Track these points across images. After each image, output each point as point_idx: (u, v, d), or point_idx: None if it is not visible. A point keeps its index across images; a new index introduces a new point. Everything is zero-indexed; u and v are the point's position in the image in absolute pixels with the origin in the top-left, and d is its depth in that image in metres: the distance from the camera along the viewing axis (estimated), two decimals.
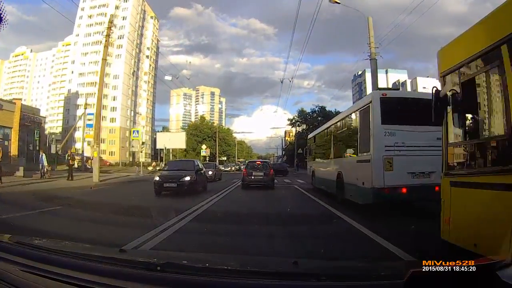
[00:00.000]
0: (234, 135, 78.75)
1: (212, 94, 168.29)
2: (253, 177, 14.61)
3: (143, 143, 29.54)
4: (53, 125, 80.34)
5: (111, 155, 68.10)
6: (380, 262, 2.80)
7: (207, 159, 49.96)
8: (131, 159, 68.90)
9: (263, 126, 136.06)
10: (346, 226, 5.84)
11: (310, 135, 17.03)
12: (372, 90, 9.78)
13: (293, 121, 58.50)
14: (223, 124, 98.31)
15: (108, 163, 54.52)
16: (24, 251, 1.59)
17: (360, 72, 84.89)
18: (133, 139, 29.83)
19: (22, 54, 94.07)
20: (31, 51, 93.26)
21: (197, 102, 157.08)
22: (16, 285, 1.33)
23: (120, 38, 72.30)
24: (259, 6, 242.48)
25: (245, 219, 6.86)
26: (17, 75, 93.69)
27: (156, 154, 56.67)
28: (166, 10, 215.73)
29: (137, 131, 28.19)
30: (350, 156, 8.47)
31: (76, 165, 36.70)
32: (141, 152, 28.58)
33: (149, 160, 66.11)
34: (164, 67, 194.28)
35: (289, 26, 63.60)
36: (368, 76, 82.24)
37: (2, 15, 1.61)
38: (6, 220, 5.76)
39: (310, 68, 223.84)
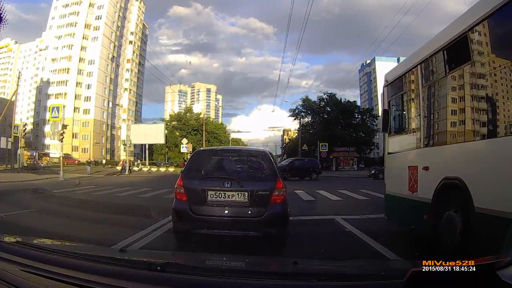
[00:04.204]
0: (231, 132, 73.34)
1: (208, 91, 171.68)
2: (211, 209, 4.70)
3: (64, 126, 20.69)
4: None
5: (85, 152, 63.31)
6: (380, 262, 3.02)
7: (187, 156, 44.58)
8: (108, 157, 64.25)
9: (261, 125, 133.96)
10: None
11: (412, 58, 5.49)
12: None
13: (296, 111, 52.39)
14: (220, 121, 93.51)
15: (76, 162, 49.88)
16: (24, 251, 1.65)
17: (368, 61, 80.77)
18: (51, 120, 21.18)
19: (6, 46, 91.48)
20: (16, 42, 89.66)
21: (192, 99, 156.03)
22: (16, 285, 1.39)
23: (98, 18, 68.02)
24: (258, 5, 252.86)
25: None
26: (0, 68, 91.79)
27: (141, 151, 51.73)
28: (165, 9, 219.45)
29: (57, 108, 19.71)
30: None
31: (25, 164, 31.63)
32: (61, 140, 20.16)
33: (132, 158, 61.02)
34: (161, 66, 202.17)
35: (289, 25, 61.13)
36: (378, 65, 78.99)
37: (2, 15, 1.71)
38: None
39: (309, 68, 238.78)
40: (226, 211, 4.70)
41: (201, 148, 7.58)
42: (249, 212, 4.65)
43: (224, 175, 5.00)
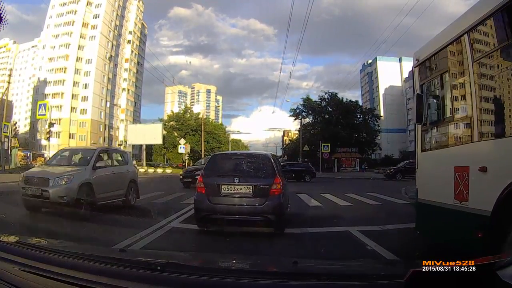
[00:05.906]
0: (230, 134, 73.31)
1: (208, 91, 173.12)
2: (224, 199, 6.03)
3: (50, 124, 19.80)
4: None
5: None
6: (380, 262, 3.08)
7: (186, 157, 44.20)
8: None
9: (261, 126, 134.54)
10: None
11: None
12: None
13: (297, 111, 52.49)
14: (220, 122, 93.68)
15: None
16: (24, 251, 1.66)
17: (370, 61, 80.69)
18: (38, 118, 20.65)
19: (5, 46, 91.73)
20: (14, 42, 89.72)
21: (192, 100, 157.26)
22: (16, 285, 1.40)
23: (96, 17, 68.12)
24: (259, 7, 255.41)
25: None
26: None
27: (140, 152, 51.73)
28: (165, 10, 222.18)
29: (44, 106, 19.09)
30: None
31: (19, 164, 31.55)
32: (47, 139, 19.65)
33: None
34: (161, 67, 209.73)
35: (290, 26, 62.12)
36: (380, 65, 78.99)
37: (2, 15, 1.73)
38: None
39: (309, 69, 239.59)
40: (235, 201, 6.03)
41: (217, 153, 9.13)
42: (253, 201, 5.94)
43: (234, 173, 6.28)
